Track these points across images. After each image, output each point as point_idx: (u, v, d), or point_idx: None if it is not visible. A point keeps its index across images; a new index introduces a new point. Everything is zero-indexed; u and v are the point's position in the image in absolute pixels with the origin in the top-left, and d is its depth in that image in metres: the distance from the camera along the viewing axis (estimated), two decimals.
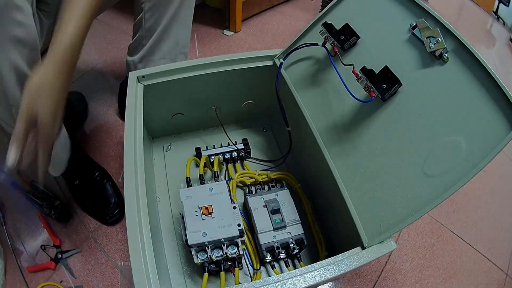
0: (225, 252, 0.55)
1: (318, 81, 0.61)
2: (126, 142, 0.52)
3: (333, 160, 0.55)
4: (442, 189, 0.40)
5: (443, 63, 0.44)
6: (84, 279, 0.66)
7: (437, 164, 0.42)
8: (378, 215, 0.47)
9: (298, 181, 0.71)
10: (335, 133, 0.56)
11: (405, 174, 0.45)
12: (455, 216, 0.83)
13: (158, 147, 0.81)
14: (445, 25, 0.45)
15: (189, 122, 0.79)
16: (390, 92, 0.48)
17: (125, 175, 0.48)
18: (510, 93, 0.37)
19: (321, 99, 0.60)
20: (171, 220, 0.68)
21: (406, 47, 0.48)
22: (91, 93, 0.99)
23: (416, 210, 0.42)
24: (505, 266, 0.77)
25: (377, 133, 0.50)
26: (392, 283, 0.69)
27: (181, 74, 0.67)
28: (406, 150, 0.46)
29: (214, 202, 0.58)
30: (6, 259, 0.67)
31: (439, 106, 0.44)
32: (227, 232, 0.54)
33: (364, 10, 0.56)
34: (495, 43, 1.60)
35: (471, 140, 0.40)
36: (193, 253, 0.55)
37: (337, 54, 0.55)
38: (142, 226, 0.44)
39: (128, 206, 0.45)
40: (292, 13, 1.40)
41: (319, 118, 0.59)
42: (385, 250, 0.45)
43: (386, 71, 0.48)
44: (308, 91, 0.62)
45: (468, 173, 0.38)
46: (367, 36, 0.54)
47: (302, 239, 0.61)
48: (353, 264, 0.43)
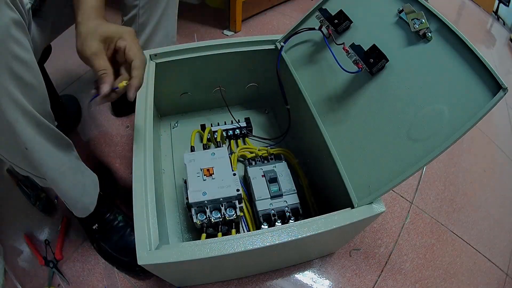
0: (223, 214, 0.57)
1: (314, 61, 0.66)
2: (137, 118, 0.57)
3: (326, 128, 0.59)
4: (426, 152, 0.43)
5: (427, 41, 0.48)
6: (84, 279, 0.66)
7: (421, 130, 0.45)
8: (367, 177, 0.50)
9: (296, 158, 0.76)
10: (329, 105, 0.60)
11: (392, 140, 0.49)
12: (455, 216, 0.83)
13: (166, 124, 0.86)
14: (429, 9, 0.49)
15: (195, 102, 0.84)
16: (377, 66, 0.52)
17: (134, 147, 0.53)
18: (491, 66, 0.40)
19: (317, 76, 0.65)
20: (174, 191, 0.73)
21: (394, 29, 0.53)
22: (88, 92, 0.99)
23: (402, 171, 0.45)
24: (505, 266, 0.77)
25: (367, 103, 0.54)
26: (392, 283, 0.69)
27: (190, 54, 0.71)
28: (393, 118, 0.49)
29: (215, 165, 0.61)
30: (6, 259, 0.68)
31: (423, 79, 0.48)
32: (226, 192, 0.57)
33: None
34: (495, 43, 1.60)
35: (454, 107, 0.43)
36: (193, 213, 0.57)
37: (331, 36, 0.61)
38: (147, 195, 0.48)
39: (136, 174, 0.50)
40: (292, 13, 1.40)
41: (315, 92, 0.64)
42: (374, 211, 0.48)
43: (374, 48, 0.53)
44: (306, 70, 0.67)
45: (450, 136, 0.41)
46: (359, 21, 0.59)
47: (297, 208, 0.64)
48: (342, 221, 0.47)
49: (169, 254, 0.42)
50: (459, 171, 0.93)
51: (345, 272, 0.69)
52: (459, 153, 0.97)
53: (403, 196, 0.84)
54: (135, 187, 0.48)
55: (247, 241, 0.44)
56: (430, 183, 0.88)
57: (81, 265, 0.68)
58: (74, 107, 0.94)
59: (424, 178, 0.89)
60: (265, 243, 0.44)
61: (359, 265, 0.71)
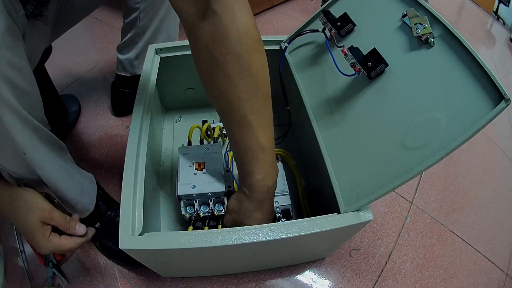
0: (211, 209, 0.58)
1: (316, 63, 0.66)
2: (135, 109, 0.58)
3: (320, 132, 0.59)
4: (418, 161, 0.42)
5: (430, 47, 0.47)
6: (84, 279, 0.66)
7: (416, 138, 0.44)
8: (356, 183, 0.49)
9: (294, 159, 0.76)
10: (325, 108, 0.60)
11: (385, 146, 0.48)
12: (455, 216, 0.83)
13: (169, 118, 0.87)
14: (434, 14, 0.48)
15: (200, 98, 0.83)
16: (376, 70, 0.51)
17: (129, 137, 0.54)
18: (495, 76, 0.39)
19: (317, 78, 0.64)
20: (171, 184, 0.74)
21: (396, 33, 0.52)
22: (89, 92, 0.99)
23: (392, 180, 0.44)
24: (505, 266, 0.77)
25: (364, 108, 0.53)
26: (392, 283, 0.69)
27: None
28: (388, 125, 0.49)
29: (207, 160, 0.62)
30: (6, 259, 0.68)
31: (423, 85, 0.47)
32: (214, 187, 0.58)
33: (363, 2, 0.61)
34: (495, 43, 1.60)
35: (452, 117, 0.42)
36: (182, 205, 0.59)
37: (333, 38, 0.61)
38: (137, 182, 0.50)
39: (128, 160, 0.51)
40: (292, 14, 1.40)
41: (313, 95, 0.64)
42: (360, 219, 0.47)
43: (373, 52, 0.52)
44: (307, 72, 0.68)
45: (445, 147, 0.40)
46: (363, 24, 0.59)
47: (289, 210, 0.63)
48: (325, 226, 0.46)
49: (149, 241, 0.44)
50: (459, 171, 0.93)
51: (345, 272, 0.69)
52: (459, 153, 0.97)
53: (403, 196, 0.84)
54: (125, 175, 0.49)
55: (225, 236, 0.44)
56: (430, 183, 0.88)
57: (81, 265, 0.68)
58: (74, 107, 0.94)
59: (424, 178, 0.89)
60: (243, 241, 0.44)
61: (359, 265, 0.71)
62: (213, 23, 0.42)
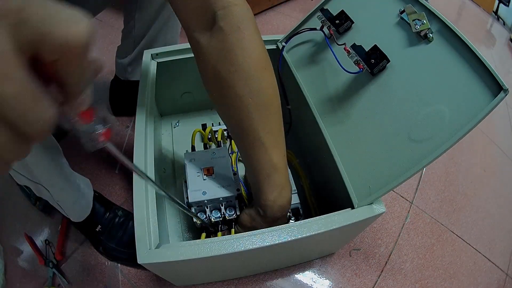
0: (223, 213, 0.57)
1: (316, 61, 0.66)
2: (138, 117, 0.57)
3: (327, 129, 0.59)
4: (426, 153, 0.43)
5: (428, 42, 0.48)
6: (84, 279, 0.66)
7: (422, 130, 0.45)
8: (367, 178, 0.50)
9: (297, 158, 0.75)
10: (330, 105, 0.61)
11: (392, 140, 0.49)
12: (455, 216, 0.83)
13: (167, 123, 0.86)
14: (431, 9, 0.49)
15: (197, 102, 0.84)
16: (378, 67, 0.52)
17: (135, 147, 0.53)
18: (493, 69, 0.41)
19: (318, 77, 0.64)
20: (175, 190, 0.73)
21: (395, 29, 0.53)
22: None
23: (402, 172, 0.45)
24: (505, 266, 0.77)
25: (368, 104, 0.54)
26: (392, 283, 0.69)
27: (191, 54, 0.73)
28: (394, 119, 0.49)
29: (215, 164, 0.61)
30: (6, 259, 0.68)
31: (424, 79, 0.48)
32: (225, 192, 0.57)
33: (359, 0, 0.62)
34: (495, 43, 1.60)
35: (454, 108, 0.43)
36: (193, 211, 0.57)
37: (333, 36, 0.61)
38: (148, 194, 0.49)
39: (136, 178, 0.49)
40: (292, 13, 1.40)
41: (316, 92, 0.64)
42: (374, 212, 0.48)
43: (375, 49, 0.53)
44: (307, 70, 0.67)
45: (451, 137, 0.41)
46: (360, 21, 0.59)
47: (298, 208, 0.63)
48: (343, 221, 0.47)
49: (168, 253, 0.42)
50: (459, 171, 0.93)
51: (345, 272, 0.69)
52: (459, 153, 0.97)
53: (403, 196, 0.84)
54: (135, 187, 0.48)
55: (246, 241, 0.44)
56: (430, 183, 0.88)
57: (81, 265, 0.68)
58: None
59: (424, 178, 0.89)
60: (265, 243, 0.44)
61: (359, 265, 0.71)
62: (220, 40, 0.41)
